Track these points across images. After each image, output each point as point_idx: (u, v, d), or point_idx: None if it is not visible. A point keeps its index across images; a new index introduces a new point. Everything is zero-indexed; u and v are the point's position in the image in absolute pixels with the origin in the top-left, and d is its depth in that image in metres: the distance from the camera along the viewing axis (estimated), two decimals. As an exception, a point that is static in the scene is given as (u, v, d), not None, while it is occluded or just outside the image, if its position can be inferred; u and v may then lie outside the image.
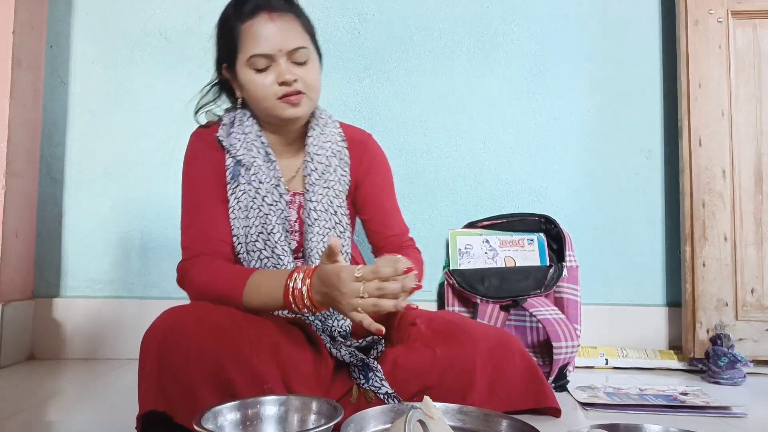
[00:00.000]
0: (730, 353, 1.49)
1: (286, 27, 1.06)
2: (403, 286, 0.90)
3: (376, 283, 0.89)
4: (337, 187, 1.16)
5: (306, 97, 1.08)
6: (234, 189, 1.10)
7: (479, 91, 1.80)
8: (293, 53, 1.06)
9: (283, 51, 1.05)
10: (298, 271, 0.96)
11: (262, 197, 1.10)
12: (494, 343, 1.08)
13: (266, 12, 1.05)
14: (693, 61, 1.69)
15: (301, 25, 1.09)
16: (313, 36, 1.13)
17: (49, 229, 1.73)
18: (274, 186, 1.11)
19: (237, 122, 1.14)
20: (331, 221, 1.14)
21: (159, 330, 0.91)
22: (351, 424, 0.82)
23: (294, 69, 1.06)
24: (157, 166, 1.75)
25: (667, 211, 1.79)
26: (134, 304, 1.70)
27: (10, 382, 1.42)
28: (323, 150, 1.16)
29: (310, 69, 1.09)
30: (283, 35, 1.05)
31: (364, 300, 0.89)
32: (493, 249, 1.64)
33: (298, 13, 1.10)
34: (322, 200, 1.14)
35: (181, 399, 0.87)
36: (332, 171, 1.16)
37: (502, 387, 1.06)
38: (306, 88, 1.07)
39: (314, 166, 1.15)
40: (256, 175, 1.10)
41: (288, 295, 0.95)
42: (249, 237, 1.09)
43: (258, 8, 1.05)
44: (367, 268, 0.90)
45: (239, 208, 1.10)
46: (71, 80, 1.75)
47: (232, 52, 1.09)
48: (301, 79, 1.06)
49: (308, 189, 1.14)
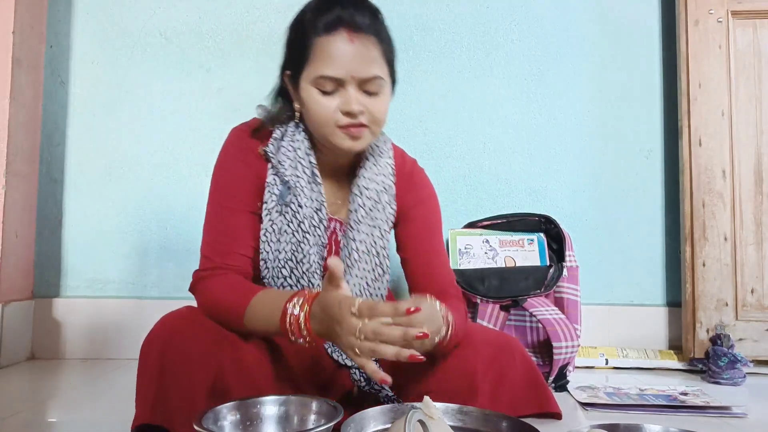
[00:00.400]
0: (730, 353, 1.49)
1: (364, 51, 0.94)
2: (405, 334, 0.77)
3: (374, 326, 0.77)
4: (383, 227, 1.07)
5: (369, 130, 0.98)
6: (270, 210, 1.01)
7: (479, 91, 1.80)
8: (366, 82, 0.94)
9: (355, 78, 0.94)
10: (299, 295, 0.87)
11: (298, 222, 1.00)
12: (496, 348, 1.06)
13: (347, 30, 0.93)
14: (693, 61, 1.69)
15: (381, 51, 0.96)
16: (392, 63, 1.00)
17: (49, 229, 1.73)
18: (316, 210, 1.02)
19: (288, 136, 1.03)
20: (372, 263, 1.05)
21: (158, 339, 0.89)
22: (351, 424, 0.81)
23: (363, 99, 0.95)
24: (157, 166, 1.75)
25: (667, 211, 1.79)
26: (134, 304, 1.70)
27: (10, 382, 1.42)
28: (374, 184, 1.06)
29: (380, 101, 0.97)
30: (359, 60, 0.93)
31: (361, 342, 0.77)
32: (493, 249, 1.64)
33: (382, 36, 0.97)
34: (366, 240, 1.05)
35: (178, 410, 0.85)
36: (381, 209, 1.06)
37: (505, 393, 1.04)
38: (371, 121, 0.97)
39: (362, 202, 1.05)
40: (298, 197, 1.00)
41: (285, 321, 0.86)
42: (277, 262, 1.01)
43: (339, 23, 0.93)
44: (365, 303, 0.79)
45: (272, 231, 1.01)
46: (71, 80, 1.75)
47: (299, 63, 0.97)
48: (367, 111, 0.95)
49: (353, 226, 1.04)
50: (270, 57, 1.77)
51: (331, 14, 0.93)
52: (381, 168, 1.08)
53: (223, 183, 1.03)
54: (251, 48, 1.78)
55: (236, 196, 1.01)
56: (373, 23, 0.96)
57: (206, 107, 1.76)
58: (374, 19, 0.97)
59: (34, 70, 1.70)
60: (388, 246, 1.09)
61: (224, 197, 1.02)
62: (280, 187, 1.01)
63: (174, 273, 1.72)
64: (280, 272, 1.01)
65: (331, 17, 0.93)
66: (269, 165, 1.02)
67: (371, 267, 1.05)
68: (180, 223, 1.73)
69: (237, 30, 1.78)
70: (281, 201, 1.01)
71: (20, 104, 1.63)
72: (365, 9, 0.96)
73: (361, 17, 0.94)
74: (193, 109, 1.76)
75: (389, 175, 1.09)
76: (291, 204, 1.00)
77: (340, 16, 0.93)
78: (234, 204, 1.01)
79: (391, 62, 1.00)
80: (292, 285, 1.01)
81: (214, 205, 1.03)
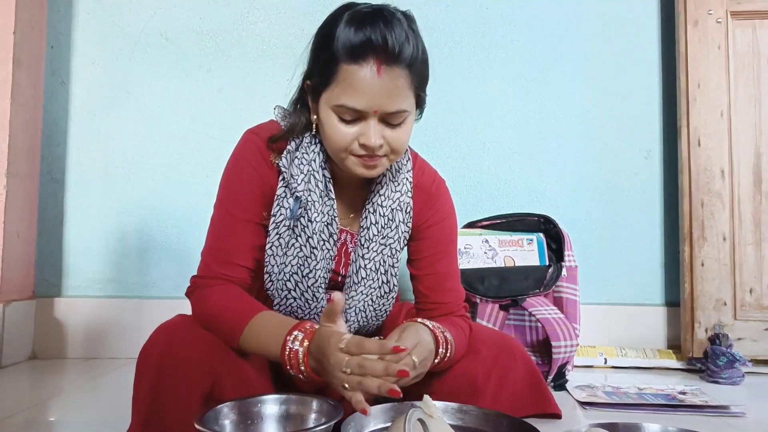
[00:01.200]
0: (729, 353, 1.50)
1: (392, 86, 0.87)
2: (386, 369, 0.76)
3: (359, 359, 0.77)
4: (395, 246, 1.04)
5: (386, 159, 0.94)
6: (278, 223, 0.98)
7: (479, 91, 1.81)
8: (389, 115, 0.89)
9: (378, 112, 0.88)
10: (299, 329, 0.86)
11: (307, 237, 0.98)
12: (496, 351, 1.06)
13: (377, 60, 0.85)
14: (692, 62, 1.69)
15: (410, 82, 0.89)
16: (421, 88, 0.93)
17: (49, 229, 1.73)
18: (327, 224, 1.00)
19: (302, 148, 0.99)
20: (379, 281, 1.04)
21: (154, 350, 0.89)
22: (351, 422, 0.82)
23: (384, 130, 0.90)
24: (157, 166, 1.75)
25: (666, 211, 1.79)
26: (134, 303, 1.70)
27: (11, 381, 1.42)
28: (389, 201, 1.02)
29: (402, 132, 0.92)
30: (385, 95, 0.87)
31: (348, 376, 0.78)
32: (493, 249, 1.64)
33: (413, 64, 0.89)
34: (375, 258, 1.02)
35: (172, 424, 0.85)
36: (393, 227, 1.03)
37: (506, 395, 1.04)
38: (389, 151, 0.92)
39: (375, 219, 1.02)
40: (308, 212, 0.97)
41: (285, 354, 0.84)
42: (282, 275, 0.99)
43: (369, 50, 0.85)
44: (353, 339, 0.79)
45: (279, 245, 0.98)
46: (71, 80, 1.76)
47: (322, 81, 0.91)
48: (387, 143, 0.91)
49: (363, 244, 1.02)
50: (270, 57, 1.78)
51: (361, 35, 0.85)
52: (398, 185, 1.03)
53: (232, 188, 1.00)
54: (251, 48, 1.78)
55: (244, 205, 0.99)
56: (406, 45, 0.87)
57: (206, 107, 1.77)
58: (407, 38, 0.87)
59: (35, 70, 1.70)
60: (399, 264, 1.07)
61: (232, 204, 0.99)
62: (290, 201, 0.98)
63: (174, 273, 1.72)
64: (285, 285, 0.99)
65: (362, 38, 0.85)
66: (280, 177, 0.99)
67: (378, 285, 1.04)
68: (180, 222, 1.74)
69: (237, 30, 1.78)
70: (291, 216, 0.98)
71: (21, 104, 1.63)
72: (399, 26, 0.87)
73: (393, 39, 0.85)
74: (193, 109, 1.77)
75: (406, 192, 1.04)
76: (301, 218, 0.98)
77: (370, 40, 0.85)
78: (241, 213, 0.99)
79: (420, 87, 0.93)
80: (296, 298, 1.00)
81: (221, 210, 1.00)
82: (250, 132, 1.03)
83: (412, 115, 0.94)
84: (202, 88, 1.77)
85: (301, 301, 1.00)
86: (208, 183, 1.70)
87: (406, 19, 0.90)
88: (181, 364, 0.86)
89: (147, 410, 0.86)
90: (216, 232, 1.00)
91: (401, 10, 0.91)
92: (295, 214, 0.98)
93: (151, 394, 0.86)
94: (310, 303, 1.01)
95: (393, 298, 1.07)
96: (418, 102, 0.94)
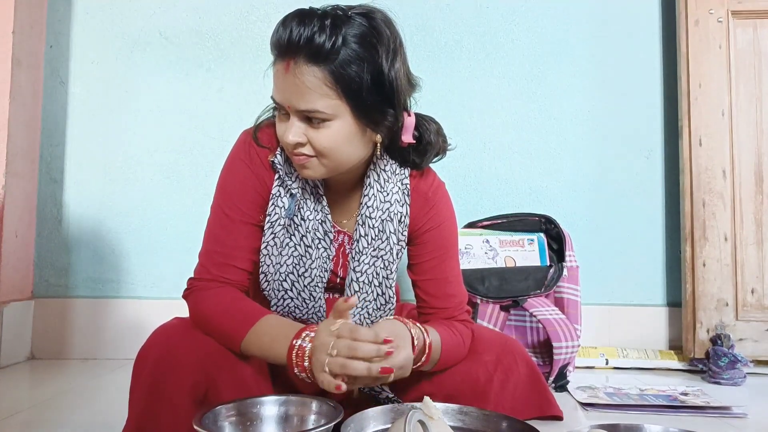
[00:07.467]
0: (731, 353, 1.49)
1: (300, 84, 0.85)
2: (378, 350, 0.79)
3: (350, 342, 0.78)
4: (387, 258, 1.02)
5: (317, 161, 0.91)
6: (273, 222, 0.98)
7: (479, 91, 1.80)
8: (304, 114, 0.88)
9: (291, 108, 0.89)
10: (310, 329, 0.86)
11: (301, 236, 0.98)
12: (498, 353, 1.06)
13: (286, 58, 0.86)
14: (693, 61, 1.68)
15: (329, 82, 0.86)
16: (356, 93, 0.87)
17: (49, 229, 1.72)
18: (320, 222, 1.00)
19: None
20: (374, 293, 1.02)
21: (150, 354, 0.89)
22: (351, 424, 0.81)
23: (307, 129, 0.89)
24: (157, 166, 1.75)
25: (667, 211, 1.79)
26: (134, 304, 1.70)
27: (10, 382, 1.42)
28: (378, 212, 1.00)
29: (324, 134, 0.88)
30: (293, 92, 0.87)
31: (332, 358, 0.78)
32: (493, 249, 1.64)
33: (333, 65, 0.85)
34: (367, 271, 1.01)
35: (168, 426, 0.85)
36: (384, 239, 1.01)
37: (507, 398, 1.04)
38: (317, 152, 0.90)
39: (365, 231, 1.00)
40: (302, 210, 0.98)
41: (292, 353, 0.84)
42: (278, 275, 0.99)
43: (281, 48, 0.87)
44: (346, 324, 0.81)
45: (273, 244, 0.98)
46: (71, 80, 1.75)
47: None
48: (310, 142, 0.90)
49: (355, 257, 1.01)
50: (270, 57, 1.78)
51: (277, 34, 0.87)
52: (387, 194, 1.01)
53: (228, 189, 1.00)
54: (251, 48, 1.78)
55: (240, 207, 0.98)
56: (322, 46, 0.84)
57: (206, 107, 1.76)
58: (328, 39, 0.84)
59: (34, 70, 1.70)
60: (395, 275, 1.05)
61: (228, 206, 0.99)
62: (285, 199, 0.98)
63: (174, 273, 1.72)
64: (281, 285, 0.99)
65: (276, 38, 0.87)
66: (276, 175, 0.99)
67: (373, 297, 1.02)
68: (180, 222, 1.73)
69: (237, 30, 1.78)
70: (287, 215, 0.98)
71: (20, 104, 1.63)
72: (322, 27, 0.84)
73: (304, 38, 0.84)
74: (192, 108, 1.76)
75: (397, 201, 1.02)
76: (295, 217, 0.98)
77: (281, 38, 0.86)
78: (237, 214, 0.98)
79: (357, 90, 0.87)
80: (293, 298, 1.00)
81: (218, 212, 1.00)
82: (246, 132, 1.02)
83: (342, 120, 0.88)
84: (202, 88, 1.76)
85: (299, 301, 1.00)
86: (208, 183, 1.69)
87: (342, 21, 0.86)
88: (176, 368, 0.87)
89: (142, 412, 0.87)
90: (213, 234, 0.99)
91: (353, 12, 0.89)
92: (291, 211, 0.98)
93: (146, 396, 0.86)
94: (308, 303, 1.00)
95: (390, 310, 1.05)
96: (362, 108, 0.89)
